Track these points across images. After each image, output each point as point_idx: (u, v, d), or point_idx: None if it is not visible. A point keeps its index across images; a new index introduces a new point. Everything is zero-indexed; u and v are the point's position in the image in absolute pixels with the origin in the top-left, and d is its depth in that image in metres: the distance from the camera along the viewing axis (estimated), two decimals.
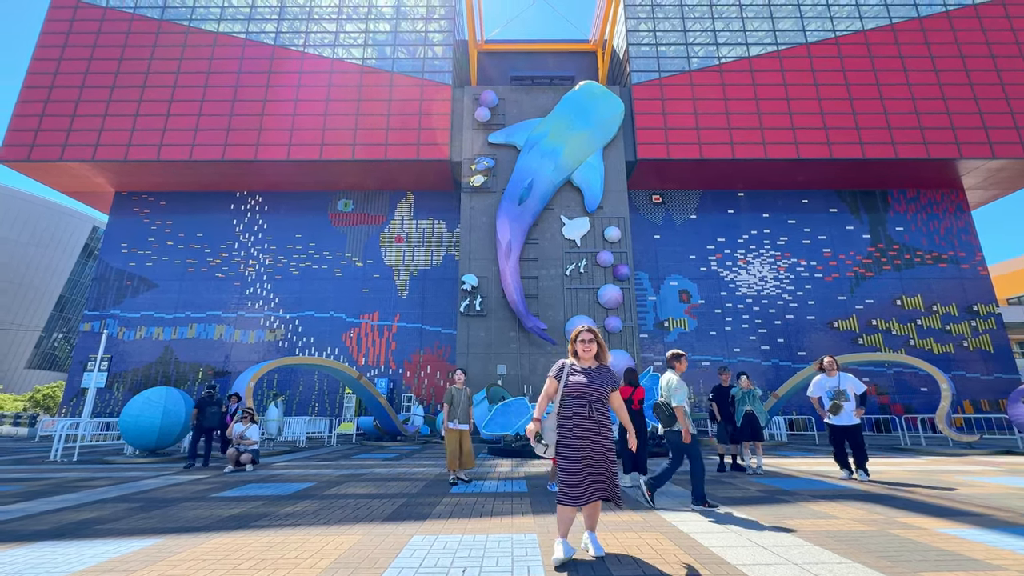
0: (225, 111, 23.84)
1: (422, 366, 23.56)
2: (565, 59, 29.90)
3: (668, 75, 24.50)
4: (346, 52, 25.27)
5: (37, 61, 24.59)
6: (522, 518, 4.88)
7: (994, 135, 23.01)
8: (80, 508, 5.63)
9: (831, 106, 23.73)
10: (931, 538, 4.04)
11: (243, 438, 9.26)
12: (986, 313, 23.82)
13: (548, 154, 21.87)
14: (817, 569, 3.27)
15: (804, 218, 25.45)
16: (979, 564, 3.36)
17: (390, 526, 4.61)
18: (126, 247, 25.16)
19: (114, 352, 23.35)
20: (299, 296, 24.45)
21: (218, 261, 24.98)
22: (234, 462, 9.06)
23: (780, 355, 23.34)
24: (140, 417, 11.05)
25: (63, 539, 4.24)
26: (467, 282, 20.99)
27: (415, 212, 25.93)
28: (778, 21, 25.53)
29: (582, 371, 3.65)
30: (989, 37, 24.72)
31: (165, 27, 25.33)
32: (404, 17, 26.11)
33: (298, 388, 23.21)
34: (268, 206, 25.87)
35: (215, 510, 5.44)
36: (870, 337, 23.47)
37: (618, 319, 20.70)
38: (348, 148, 23.27)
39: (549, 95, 24.03)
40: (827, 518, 4.81)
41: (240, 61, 24.81)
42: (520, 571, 3.28)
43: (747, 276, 24.56)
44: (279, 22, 25.73)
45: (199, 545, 4.00)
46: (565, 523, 3.48)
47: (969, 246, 24.85)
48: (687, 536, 4.16)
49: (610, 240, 21.73)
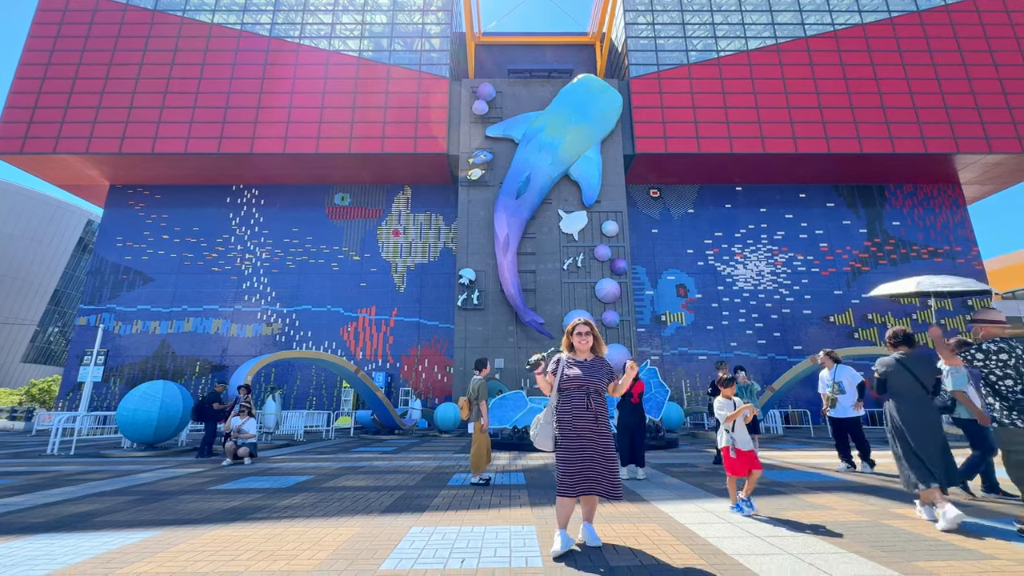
0: (220, 103, 23.62)
1: (419, 360, 23.58)
2: (563, 52, 29.72)
3: (666, 68, 24.40)
4: (343, 44, 25.05)
5: (29, 52, 24.27)
6: (520, 510, 4.90)
7: (991, 130, 23.04)
8: (78, 501, 5.63)
9: (829, 100, 23.70)
10: (925, 528, 4.09)
11: (241, 431, 9.27)
12: (981, 307, 23.95)
13: (546, 148, 21.80)
14: (812, 559, 3.30)
15: (801, 212, 25.48)
16: (973, 553, 3.40)
17: (388, 518, 4.63)
18: (121, 241, 25.00)
19: (110, 346, 23.26)
20: (296, 290, 24.38)
21: (214, 255, 24.86)
22: (232, 455, 9.07)
23: (776, 349, 23.45)
24: (137, 411, 11.03)
25: (61, 531, 4.24)
26: (465, 276, 20.97)
27: (412, 206, 25.83)
28: (777, 14, 25.42)
29: (578, 364, 3.66)
30: (988, 32, 24.68)
31: (159, 17, 25.02)
32: (401, 9, 25.88)
33: (296, 382, 23.20)
34: (264, 200, 25.72)
35: (213, 502, 5.45)
36: (866, 331, 23.60)
37: (615, 313, 20.74)
38: (345, 141, 23.11)
39: (547, 88, 23.91)
40: (822, 509, 4.85)
41: (235, 53, 24.56)
42: (518, 562, 3.30)
43: (744, 270, 24.62)
44: (275, 13, 25.45)
45: (197, 537, 4.01)
46: (564, 514, 3.49)
47: (965, 241, 24.96)
48: (684, 527, 4.19)
49: (608, 234, 21.72)
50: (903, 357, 4.62)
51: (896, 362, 4.61)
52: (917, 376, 4.49)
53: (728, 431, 4.70)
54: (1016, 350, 3.95)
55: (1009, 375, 3.93)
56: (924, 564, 3.19)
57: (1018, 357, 3.93)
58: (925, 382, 4.49)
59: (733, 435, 4.67)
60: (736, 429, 4.68)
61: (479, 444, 6.41)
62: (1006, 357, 3.95)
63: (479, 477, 6.41)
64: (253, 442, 9.42)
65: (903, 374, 4.54)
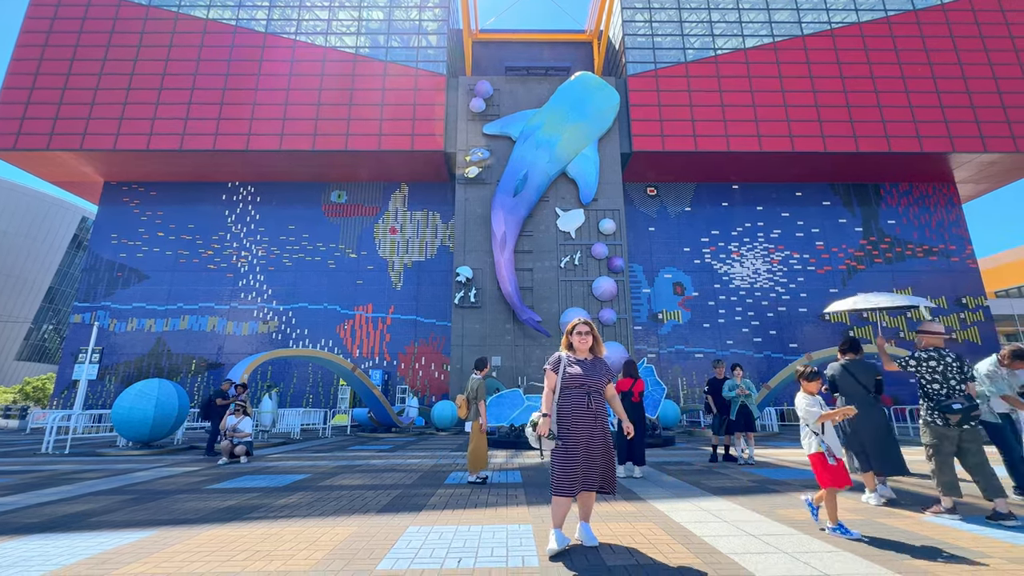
0: (216, 100, 23.47)
1: (416, 358, 23.56)
2: (560, 50, 29.67)
3: (664, 67, 24.39)
4: (339, 40, 24.92)
5: (22, 47, 24.04)
6: (517, 509, 4.91)
7: (986, 129, 23.15)
8: (73, 500, 5.60)
9: (826, 99, 23.76)
10: (918, 527, 4.12)
11: (236, 430, 9.26)
12: (975, 306, 24.13)
13: (543, 145, 21.77)
14: (807, 558, 3.32)
15: (797, 211, 25.56)
16: (966, 552, 3.43)
17: (385, 517, 4.63)
18: (116, 238, 24.84)
19: (105, 344, 23.15)
20: (293, 288, 24.30)
21: (210, 252, 24.74)
22: (228, 454, 9.06)
23: (772, 347, 23.54)
24: (133, 409, 10.98)
25: (56, 531, 4.22)
26: (462, 274, 20.95)
27: (409, 203, 25.76)
28: (774, 13, 25.44)
29: (578, 363, 3.67)
30: (983, 31, 24.78)
31: (153, 13, 24.81)
32: (398, 5, 25.75)
33: (292, 380, 23.15)
34: (260, 197, 25.60)
35: (209, 502, 5.44)
36: (861, 330, 23.73)
37: (612, 311, 20.77)
38: (341, 138, 23.02)
39: (544, 86, 23.87)
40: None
41: (231, 49, 24.39)
42: (515, 561, 3.31)
43: (740, 268, 24.69)
44: (270, 9, 25.28)
45: (193, 537, 4.00)
46: (560, 513, 3.50)
47: (959, 239, 25.10)
48: (680, 526, 4.20)
49: (605, 232, 21.73)
50: (848, 363, 5.39)
51: (842, 368, 5.38)
52: (859, 380, 5.25)
53: (817, 433, 4.02)
54: (946, 359, 4.56)
55: (937, 380, 4.54)
56: (919, 563, 3.22)
57: (947, 365, 4.53)
58: (866, 384, 5.21)
59: (824, 439, 3.99)
60: (826, 431, 4.02)
61: (476, 443, 6.41)
62: (935, 364, 4.57)
63: (476, 476, 6.41)
64: (249, 440, 9.40)
65: (848, 378, 5.31)
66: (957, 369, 4.51)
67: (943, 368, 4.53)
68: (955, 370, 4.50)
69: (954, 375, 4.49)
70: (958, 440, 4.44)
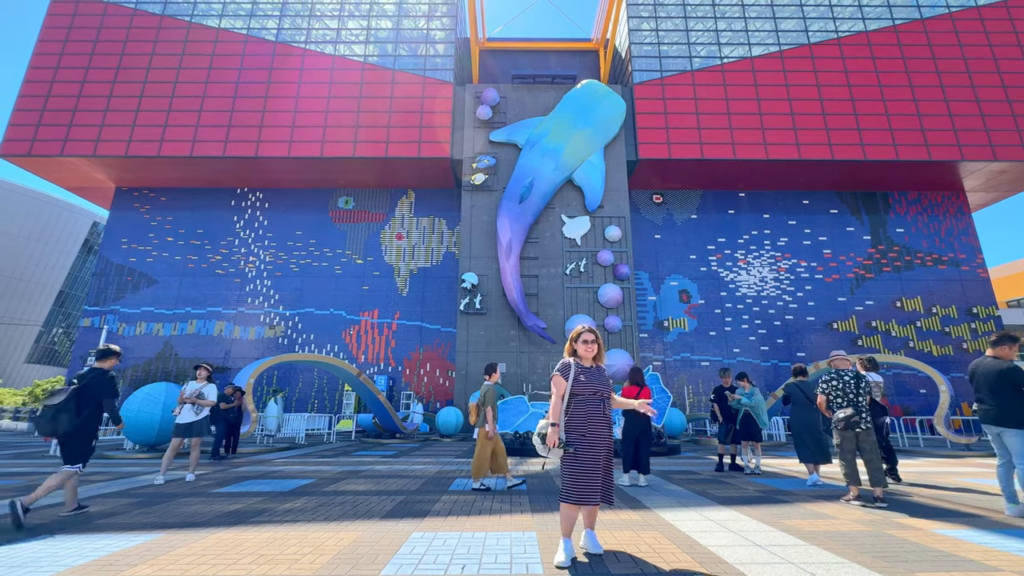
0: (226, 107, 23.82)
1: (421, 364, 23.59)
2: (567, 58, 29.87)
3: (670, 75, 24.48)
4: (348, 49, 25.24)
5: (38, 55, 24.55)
6: (521, 516, 4.90)
7: (996, 137, 23.00)
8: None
9: (832, 107, 23.72)
10: (928, 539, 4.06)
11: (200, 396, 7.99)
12: (986, 316, 23.83)
13: (549, 153, 21.86)
14: (814, 569, 3.29)
15: (805, 219, 25.45)
16: (975, 565, 3.38)
17: (389, 523, 4.63)
18: (126, 243, 25.16)
19: None
20: (299, 293, 24.46)
21: (218, 257, 24.99)
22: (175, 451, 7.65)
23: (779, 356, 23.35)
24: (140, 412, 11.07)
25: (63, 533, 4.25)
26: (467, 280, 20.99)
27: (416, 210, 25.92)
28: (781, 21, 25.49)
29: (586, 371, 3.65)
30: (992, 39, 24.69)
31: (166, 22, 25.29)
32: (406, 14, 26.08)
33: (298, 385, 23.23)
34: (269, 203, 25.86)
35: (214, 506, 5.46)
36: (869, 339, 23.49)
37: (618, 318, 20.71)
38: (349, 145, 23.25)
39: (551, 94, 24.01)
40: (824, 518, 4.82)
41: (241, 58, 24.78)
42: (519, 568, 3.29)
43: (747, 276, 24.57)
44: (281, 18, 25.69)
45: (199, 540, 4.02)
46: (569, 522, 3.45)
47: (969, 248, 24.85)
48: (685, 535, 4.17)
49: (610, 239, 21.74)
50: (798, 382, 7.53)
51: (795, 386, 7.51)
52: (806, 394, 7.34)
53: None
54: (844, 378, 5.79)
55: (838, 397, 5.79)
56: (927, 575, 3.18)
57: (845, 383, 5.76)
58: (810, 397, 7.20)
59: None
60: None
61: (481, 449, 6.41)
62: (836, 383, 5.84)
63: (479, 483, 6.38)
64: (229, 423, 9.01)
65: (798, 393, 7.41)
66: (854, 385, 5.70)
67: (842, 385, 5.76)
68: (852, 386, 5.71)
69: (851, 390, 5.70)
70: (856, 440, 5.60)
